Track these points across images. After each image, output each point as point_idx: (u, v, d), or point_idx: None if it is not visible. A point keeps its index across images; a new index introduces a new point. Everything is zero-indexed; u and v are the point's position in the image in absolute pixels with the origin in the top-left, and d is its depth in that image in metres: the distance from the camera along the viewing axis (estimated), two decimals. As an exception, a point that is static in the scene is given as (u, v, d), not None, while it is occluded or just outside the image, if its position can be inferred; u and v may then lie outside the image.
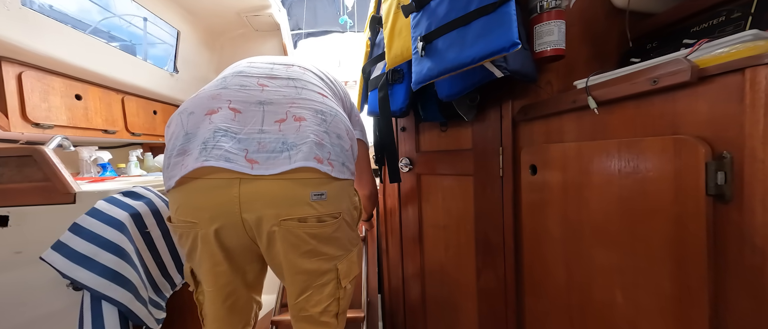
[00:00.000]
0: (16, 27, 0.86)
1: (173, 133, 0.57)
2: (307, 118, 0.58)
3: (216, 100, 0.57)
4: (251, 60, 0.73)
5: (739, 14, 0.56)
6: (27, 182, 0.67)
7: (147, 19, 1.68)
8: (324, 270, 0.63)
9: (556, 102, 0.65)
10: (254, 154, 0.53)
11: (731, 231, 0.40)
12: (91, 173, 1.21)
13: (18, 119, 0.93)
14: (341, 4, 3.22)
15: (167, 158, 0.56)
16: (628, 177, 0.50)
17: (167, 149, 0.57)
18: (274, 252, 0.59)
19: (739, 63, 0.39)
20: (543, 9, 0.65)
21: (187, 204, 0.55)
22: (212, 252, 0.57)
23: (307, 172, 0.55)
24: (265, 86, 0.62)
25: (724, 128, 0.40)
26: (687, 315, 0.44)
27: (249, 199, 0.53)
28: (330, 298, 0.66)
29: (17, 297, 0.66)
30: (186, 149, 0.54)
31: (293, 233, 0.57)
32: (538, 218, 0.70)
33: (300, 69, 0.72)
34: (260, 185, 0.53)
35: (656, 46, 0.71)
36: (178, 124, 0.57)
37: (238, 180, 0.52)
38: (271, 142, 0.55)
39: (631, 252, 0.51)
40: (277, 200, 0.54)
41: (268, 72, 0.66)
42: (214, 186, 0.52)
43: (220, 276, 0.60)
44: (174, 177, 0.54)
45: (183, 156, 0.54)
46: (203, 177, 0.52)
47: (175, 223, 0.59)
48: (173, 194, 0.57)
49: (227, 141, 0.53)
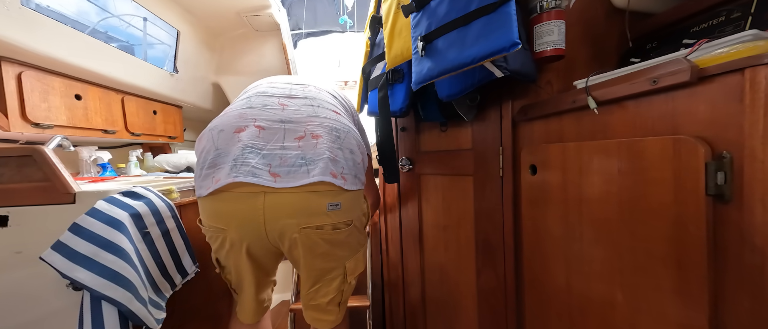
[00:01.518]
0: (15, 27, 0.86)
1: (204, 148, 0.65)
2: (323, 136, 0.65)
3: (242, 119, 0.65)
4: (271, 80, 0.81)
5: (739, 14, 0.56)
6: (27, 182, 0.67)
7: (147, 19, 1.68)
8: (334, 267, 0.73)
9: (556, 102, 0.66)
10: (277, 167, 0.60)
11: (731, 231, 0.40)
12: (90, 173, 1.21)
13: (18, 119, 0.93)
14: (341, 4, 3.22)
15: (199, 169, 0.64)
16: (627, 177, 0.50)
17: (199, 161, 0.66)
18: (295, 253, 0.68)
19: (738, 63, 0.39)
20: (543, 9, 0.65)
21: (218, 212, 0.63)
22: (238, 255, 0.68)
23: (323, 185, 0.62)
24: (285, 106, 0.70)
25: (724, 128, 0.40)
26: (687, 315, 0.44)
27: (272, 209, 0.60)
28: (336, 291, 0.75)
29: (17, 297, 0.66)
30: (216, 163, 0.62)
31: (311, 239, 0.65)
32: (538, 218, 0.70)
33: (315, 89, 0.81)
34: (282, 197, 0.60)
35: (656, 46, 0.71)
36: (209, 140, 0.65)
37: (262, 193, 0.59)
38: (291, 157, 0.61)
39: (631, 252, 0.51)
40: (297, 210, 0.61)
41: (287, 92, 0.75)
42: (242, 198, 0.60)
43: (247, 271, 0.71)
44: (206, 188, 0.61)
45: (214, 169, 0.62)
46: (232, 190, 0.60)
47: (206, 227, 0.69)
48: (205, 202, 0.65)
49: (253, 157, 0.60)
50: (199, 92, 1.77)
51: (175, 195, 0.92)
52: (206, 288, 1.03)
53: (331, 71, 2.84)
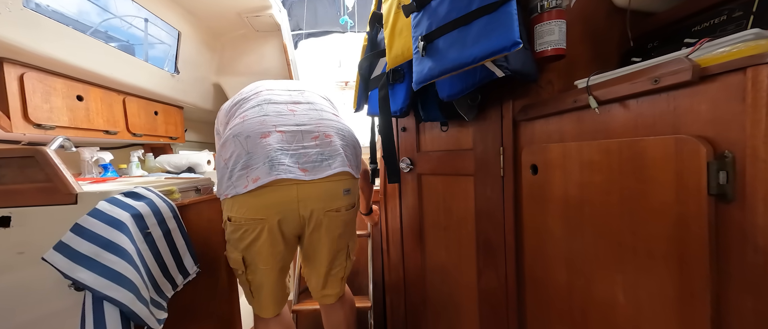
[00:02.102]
0: (17, 28, 0.87)
1: (233, 153, 0.74)
2: (333, 136, 0.81)
3: (264, 126, 0.75)
4: (269, 86, 0.89)
5: (741, 13, 0.56)
6: (29, 183, 0.67)
7: (148, 19, 1.69)
8: (343, 246, 0.90)
9: (557, 102, 0.65)
10: (304, 164, 0.75)
11: (733, 230, 0.40)
12: (92, 174, 1.21)
13: (20, 120, 0.93)
14: (342, 4, 3.22)
15: (229, 171, 0.73)
16: (629, 176, 0.50)
17: (229, 164, 0.74)
18: (317, 235, 0.82)
19: (740, 62, 0.39)
20: (544, 8, 0.65)
21: (259, 204, 0.73)
22: (274, 238, 0.77)
23: (341, 175, 0.80)
24: (294, 111, 0.82)
25: (726, 127, 0.40)
26: (689, 315, 0.44)
27: (304, 197, 0.75)
28: (343, 265, 0.93)
29: (20, 297, 0.66)
30: (249, 164, 0.72)
31: (333, 221, 0.82)
32: (539, 218, 0.70)
33: (310, 93, 0.92)
34: (311, 186, 0.75)
35: (657, 45, 0.71)
36: (238, 146, 0.74)
37: (296, 185, 0.73)
38: (313, 154, 0.76)
39: (633, 252, 0.50)
40: (323, 195, 0.77)
41: (289, 98, 0.86)
42: (281, 190, 0.73)
43: (278, 254, 0.81)
44: (244, 186, 0.71)
45: (248, 170, 0.71)
46: (273, 185, 0.72)
47: (240, 221, 0.75)
48: (243, 198, 0.72)
49: (285, 157, 0.73)
50: (200, 93, 1.78)
51: (176, 196, 0.92)
52: (207, 289, 1.03)
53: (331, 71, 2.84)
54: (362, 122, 1.66)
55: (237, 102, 0.89)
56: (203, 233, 1.02)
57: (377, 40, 1.01)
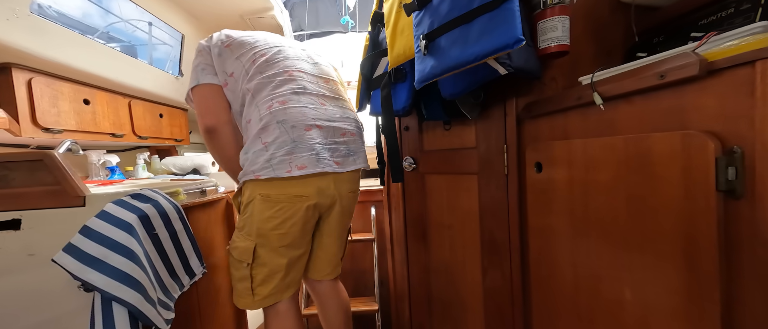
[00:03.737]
0: (25, 34, 0.88)
1: (277, 138, 0.80)
2: (355, 134, 0.95)
3: (306, 119, 0.84)
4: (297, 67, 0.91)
5: (749, 6, 0.55)
6: (38, 186, 0.68)
7: (151, 23, 1.70)
8: (349, 223, 1.04)
9: (561, 98, 0.65)
10: (337, 157, 0.87)
11: (743, 227, 0.40)
12: (99, 176, 1.23)
13: (28, 124, 0.94)
14: (343, 4, 3.22)
15: (271, 153, 0.80)
16: (635, 173, 0.49)
17: (270, 148, 0.80)
18: (339, 213, 0.94)
19: (749, 55, 0.38)
20: (546, 5, 0.64)
21: (302, 187, 0.83)
22: (307, 217, 0.86)
23: (359, 169, 0.96)
24: (324, 104, 0.90)
25: (735, 122, 0.40)
26: (698, 312, 0.43)
27: (337, 184, 0.89)
28: (346, 242, 1.06)
29: (31, 298, 0.67)
30: (294, 152, 0.80)
31: (351, 201, 0.98)
32: (544, 216, 0.70)
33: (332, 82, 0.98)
34: (343, 176, 0.90)
35: (663, 40, 0.70)
36: (283, 132, 0.81)
37: (333, 175, 0.87)
38: (342, 150, 0.89)
39: (640, 249, 0.50)
40: (349, 184, 0.93)
41: (318, 90, 0.92)
42: (321, 177, 0.85)
43: (308, 233, 0.91)
44: (286, 171, 0.79)
45: (292, 156, 0.80)
46: (315, 175, 0.83)
47: (279, 197, 0.82)
48: (277, 182, 0.81)
49: (324, 152, 0.84)
50: (204, 95, 1.79)
51: (182, 197, 0.93)
52: (213, 289, 1.04)
53: (334, 67, 2.85)
54: (365, 121, 1.66)
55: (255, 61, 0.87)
56: (209, 234, 1.03)
57: (379, 40, 1.01)
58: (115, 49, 1.21)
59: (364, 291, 1.55)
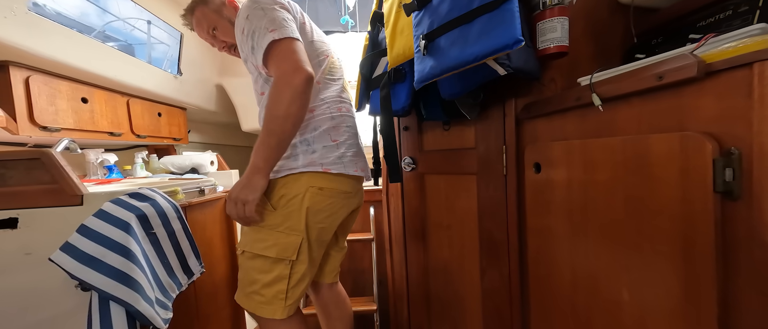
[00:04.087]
0: (23, 32, 0.87)
1: (348, 140, 0.87)
2: (362, 143, 0.96)
3: (353, 128, 0.92)
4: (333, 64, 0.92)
5: (747, 8, 0.55)
6: (36, 184, 0.68)
7: (150, 22, 1.70)
8: None
9: (560, 99, 0.65)
10: (364, 169, 0.93)
11: (740, 228, 0.40)
12: (97, 175, 1.23)
13: (26, 123, 0.94)
14: (343, 4, 3.21)
15: (342, 151, 0.84)
16: (633, 174, 0.49)
17: (341, 147, 0.85)
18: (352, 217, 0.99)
19: (746, 57, 0.38)
20: (546, 6, 0.64)
21: (353, 186, 0.89)
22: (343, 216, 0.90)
23: None
24: (349, 110, 0.94)
25: (732, 124, 0.40)
26: (695, 313, 0.44)
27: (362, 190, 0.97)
28: None
29: (28, 297, 0.67)
30: (358, 154, 0.89)
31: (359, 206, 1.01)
32: (542, 217, 0.70)
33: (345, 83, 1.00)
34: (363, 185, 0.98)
35: (661, 41, 0.70)
36: (352, 136, 0.89)
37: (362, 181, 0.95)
38: (363, 163, 0.93)
39: (638, 250, 0.50)
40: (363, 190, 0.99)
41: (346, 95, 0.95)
42: (359, 183, 0.94)
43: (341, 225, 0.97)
44: (352, 170, 0.85)
45: (356, 158, 0.88)
46: (360, 179, 0.93)
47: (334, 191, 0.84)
48: (348, 178, 0.86)
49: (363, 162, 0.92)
50: (202, 94, 1.78)
51: (180, 197, 0.93)
52: (212, 289, 1.04)
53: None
54: (364, 121, 1.66)
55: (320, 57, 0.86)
56: (207, 233, 1.03)
57: (378, 40, 1.01)
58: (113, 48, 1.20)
59: (362, 291, 1.54)
